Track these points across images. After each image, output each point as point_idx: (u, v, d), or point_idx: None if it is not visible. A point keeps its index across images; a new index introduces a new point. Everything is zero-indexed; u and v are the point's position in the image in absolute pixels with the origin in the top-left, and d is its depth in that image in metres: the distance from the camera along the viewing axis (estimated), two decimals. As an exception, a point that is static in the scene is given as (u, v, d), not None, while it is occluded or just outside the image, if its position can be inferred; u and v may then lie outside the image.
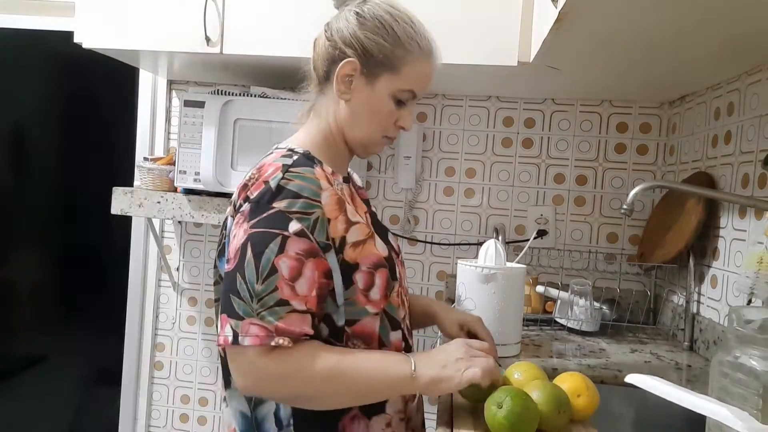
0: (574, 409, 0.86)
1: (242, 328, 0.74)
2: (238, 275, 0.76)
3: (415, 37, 0.88)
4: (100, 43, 1.56)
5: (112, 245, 2.16)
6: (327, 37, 0.89)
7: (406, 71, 0.88)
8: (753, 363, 0.71)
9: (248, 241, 0.77)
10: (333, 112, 0.91)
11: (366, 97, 0.88)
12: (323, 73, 0.91)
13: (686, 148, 1.61)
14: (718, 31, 1.02)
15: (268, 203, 0.78)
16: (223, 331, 0.76)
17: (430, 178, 1.88)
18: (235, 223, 0.81)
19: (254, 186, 0.81)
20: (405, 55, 0.87)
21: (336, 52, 0.87)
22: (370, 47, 0.86)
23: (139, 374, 2.05)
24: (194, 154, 1.61)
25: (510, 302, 1.23)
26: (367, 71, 0.87)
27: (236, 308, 0.75)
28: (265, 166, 0.83)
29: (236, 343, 0.74)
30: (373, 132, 0.91)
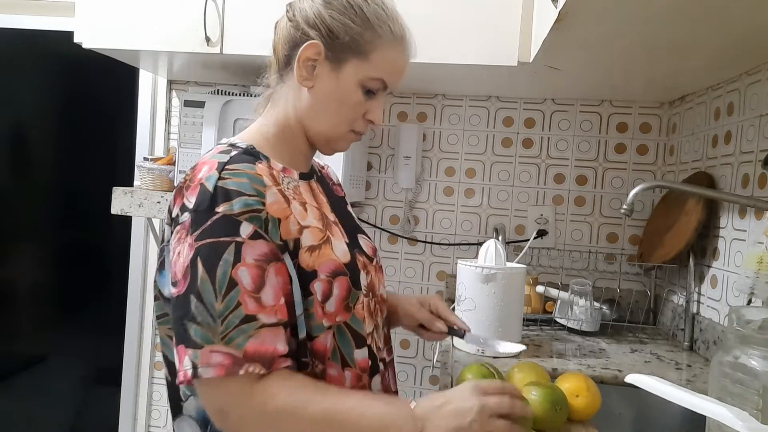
0: (574, 409, 0.87)
1: (202, 358, 0.64)
2: (192, 298, 0.65)
3: (386, 20, 0.79)
4: (100, 43, 1.56)
5: (112, 245, 2.16)
6: (289, 18, 0.81)
7: (376, 57, 0.78)
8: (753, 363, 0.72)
9: (197, 257, 0.66)
10: (293, 101, 0.81)
11: (331, 85, 0.79)
12: (283, 58, 0.81)
13: (686, 148, 1.61)
14: (718, 31, 1.03)
15: (209, 209, 0.67)
16: (182, 365, 0.65)
17: (430, 178, 1.88)
18: (175, 237, 0.70)
19: (189, 190, 0.70)
20: (375, 39, 0.78)
21: (298, 34, 0.78)
22: (336, 28, 0.77)
23: (139, 374, 2.05)
24: (194, 154, 1.61)
25: (510, 302, 1.24)
26: (332, 55, 0.78)
27: (193, 336, 0.65)
28: (199, 165, 0.73)
29: (196, 377, 0.64)
30: (339, 124, 0.81)
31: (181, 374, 0.65)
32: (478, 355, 1.22)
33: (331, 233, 0.79)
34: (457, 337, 0.96)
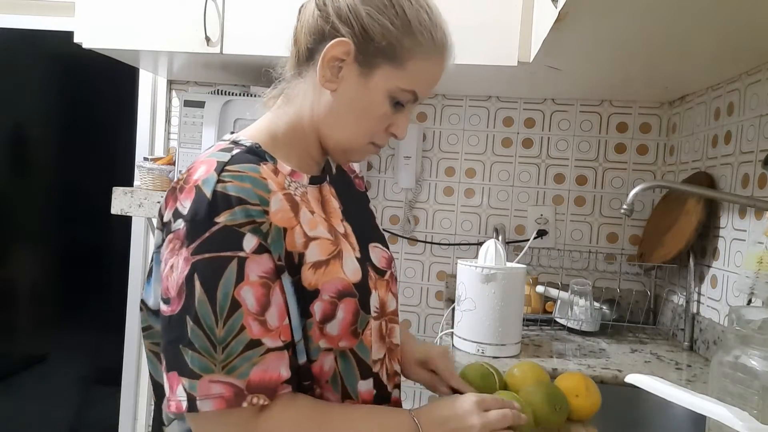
0: (574, 409, 0.87)
1: (200, 389, 0.57)
2: (188, 320, 0.58)
3: (429, 26, 0.69)
4: (100, 43, 1.56)
5: (112, 245, 2.16)
6: (318, 5, 0.69)
7: (412, 67, 0.69)
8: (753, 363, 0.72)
9: (194, 273, 0.59)
10: (310, 101, 0.72)
11: (357, 91, 0.69)
12: (306, 50, 0.71)
13: (686, 148, 1.61)
14: (718, 31, 1.03)
15: (208, 218, 0.59)
16: (174, 394, 0.58)
17: (430, 178, 1.88)
18: (168, 246, 0.62)
19: (184, 192, 0.62)
20: (414, 47, 0.68)
21: (327, 27, 0.68)
22: (372, 28, 0.67)
23: (139, 374, 2.05)
24: (194, 154, 1.61)
25: (510, 302, 1.24)
26: (363, 58, 0.68)
27: (189, 364, 0.58)
28: (196, 164, 0.64)
29: (192, 410, 0.57)
30: (359, 136, 0.72)
31: (173, 404, 0.58)
32: (478, 355, 1.23)
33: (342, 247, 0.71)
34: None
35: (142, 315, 0.71)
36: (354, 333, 0.69)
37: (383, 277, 0.77)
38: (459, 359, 1.20)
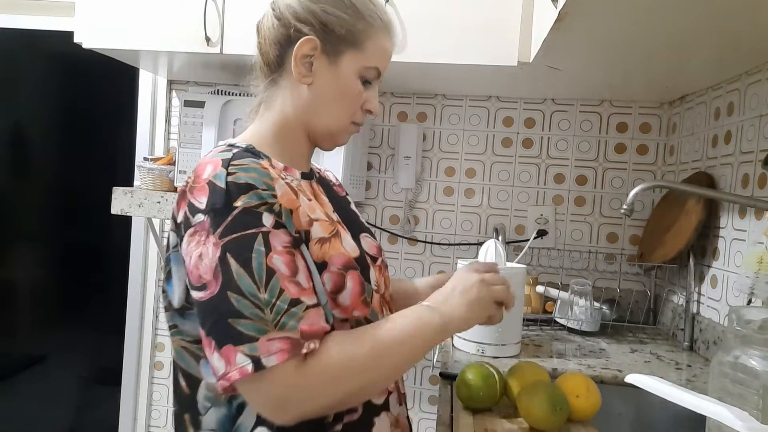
0: (574, 409, 0.87)
1: (261, 349, 0.62)
2: (229, 295, 0.63)
3: (374, 9, 0.80)
4: (100, 43, 1.56)
5: (112, 245, 2.16)
6: (276, 16, 0.79)
7: (370, 46, 0.79)
8: (753, 363, 0.72)
9: (226, 254, 0.64)
10: (291, 100, 0.80)
11: (330, 79, 0.79)
12: (275, 59, 0.80)
13: (686, 148, 1.61)
14: (718, 31, 1.03)
15: (227, 205, 0.66)
16: (234, 365, 0.62)
17: (430, 178, 1.88)
18: (190, 240, 0.67)
19: (196, 191, 0.69)
20: (367, 29, 0.79)
21: (290, 32, 0.77)
22: (330, 21, 0.77)
23: (139, 374, 2.05)
24: (194, 154, 1.61)
25: (510, 302, 1.23)
26: (328, 48, 0.78)
27: (244, 331, 0.62)
28: (201, 166, 0.71)
29: (260, 369, 0.61)
30: (342, 117, 0.81)
31: (235, 373, 0.61)
32: (478, 355, 1.23)
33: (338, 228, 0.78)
34: None
35: (168, 315, 0.76)
36: (365, 302, 0.76)
37: (375, 263, 0.83)
38: (459, 359, 1.20)
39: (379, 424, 0.77)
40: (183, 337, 0.75)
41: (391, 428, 0.79)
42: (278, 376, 0.62)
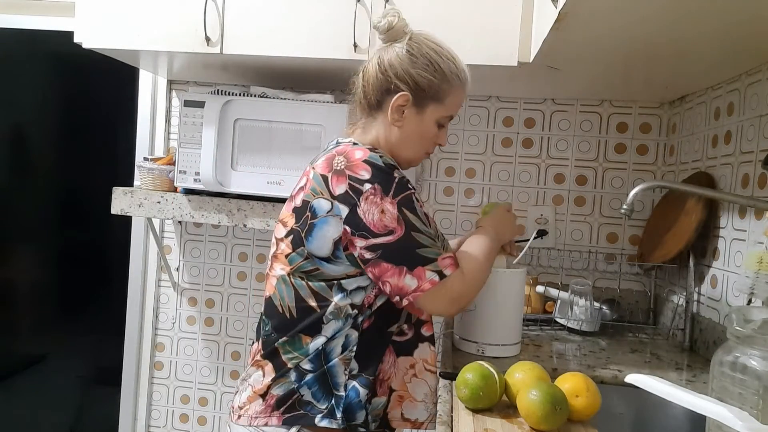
0: (574, 410, 0.87)
1: (440, 264, 0.93)
2: (412, 234, 0.93)
3: (457, 72, 1.02)
4: (100, 43, 1.56)
5: (112, 245, 2.16)
6: (381, 71, 1.01)
7: (449, 101, 1.03)
8: (753, 363, 0.72)
9: (401, 207, 0.93)
10: (384, 134, 1.04)
11: (416, 125, 1.03)
12: (375, 101, 1.04)
13: (686, 148, 1.61)
14: (718, 31, 1.03)
15: (390, 175, 0.94)
16: (423, 280, 0.92)
17: (430, 178, 1.88)
18: (366, 202, 0.93)
19: (355, 167, 0.94)
20: (449, 89, 1.02)
21: (390, 86, 1.01)
22: (421, 83, 1.00)
23: (139, 374, 2.05)
24: (194, 154, 1.61)
25: (510, 302, 1.24)
26: (417, 102, 1.01)
27: (428, 255, 0.93)
28: (349, 152, 0.96)
29: (443, 278, 0.93)
30: (419, 152, 1.07)
31: (426, 284, 0.92)
32: (478, 355, 1.23)
33: None
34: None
35: (309, 262, 0.96)
36: None
37: None
38: (459, 359, 1.20)
39: (423, 348, 1.04)
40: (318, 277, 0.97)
41: (430, 355, 1.05)
42: (452, 280, 0.94)
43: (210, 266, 2.01)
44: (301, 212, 0.97)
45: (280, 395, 0.97)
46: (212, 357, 2.02)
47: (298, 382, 0.96)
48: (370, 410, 0.97)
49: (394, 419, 1.01)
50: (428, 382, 1.05)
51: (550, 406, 0.83)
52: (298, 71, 1.64)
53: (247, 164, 1.59)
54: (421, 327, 1.04)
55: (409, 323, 1.02)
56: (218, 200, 1.61)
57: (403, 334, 1.02)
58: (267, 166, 1.58)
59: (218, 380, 2.02)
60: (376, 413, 0.99)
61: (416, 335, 1.03)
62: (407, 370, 1.02)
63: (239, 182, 1.59)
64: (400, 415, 1.02)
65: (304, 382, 0.96)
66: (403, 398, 1.02)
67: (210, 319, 2.02)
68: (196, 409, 2.04)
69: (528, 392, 0.85)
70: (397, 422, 1.02)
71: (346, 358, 0.96)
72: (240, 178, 1.59)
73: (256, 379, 0.99)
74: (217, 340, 2.02)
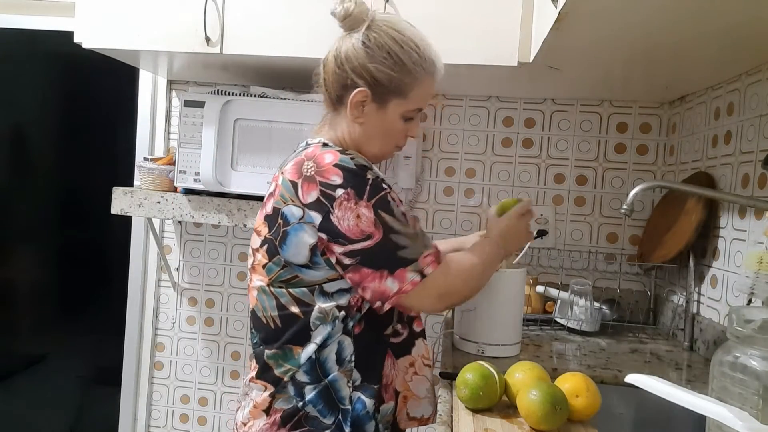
0: (574, 410, 0.87)
1: (421, 264, 0.89)
2: (391, 236, 0.89)
3: (420, 62, 0.95)
4: (100, 43, 1.56)
5: (112, 245, 2.16)
6: (337, 65, 0.95)
7: (413, 94, 0.96)
8: (753, 363, 0.72)
9: (377, 210, 0.88)
10: (347, 129, 0.99)
11: (378, 121, 0.97)
12: (336, 96, 0.98)
13: (686, 148, 1.61)
14: (718, 31, 1.02)
15: (363, 178, 0.89)
16: (404, 282, 0.88)
17: (430, 178, 1.88)
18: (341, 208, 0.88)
19: (324, 174, 0.89)
20: (412, 81, 0.95)
21: (348, 81, 0.94)
22: (380, 77, 0.93)
23: (139, 374, 2.05)
24: (194, 154, 1.61)
25: (510, 302, 1.23)
26: (377, 98, 0.95)
27: (408, 256, 0.89)
28: (318, 156, 0.91)
29: (424, 277, 0.89)
30: (386, 148, 1.01)
31: (407, 285, 0.88)
32: (478, 355, 1.22)
33: None
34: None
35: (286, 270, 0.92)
36: None
37: None
38: (459, 359, 1.20)
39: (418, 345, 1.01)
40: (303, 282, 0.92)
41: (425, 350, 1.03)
42: (435, 278, 0.90)
43: (210, 266, 2.01)
44: (272, 220, 0.93)
45: (284, 411, 0.93)
46: (212, 357, 2.02)
47: (298, 396, 0.93)
48: (380, 419, 0.94)
49: (402, 420, 0.99)
50: (428, 377, 1.03)
51: (550, 406, 0.83)
52: (298, 71, 1.63)
53: (247, 164, 1.59)
54: (413, 323, 1.02)
55: (402, 322, 0.99)
56: (218, 200, 1.61)
57: (398, 334, 0.99)
58: (267, 166, 1.58)
59: (218, 380, 2.02)
60: (387, 420, 0.96)
61: (410, 333, 1.01)
62: (407, 370, 1.00)
63: (239, 182, 1.59)
64: (406, 415, 1.00)
65: (309, 400, 0.92)
66: (407, 398, 1.00)
67: (210, 319, 2.02)
68: (196, 409, 2.04)
69: (528, 392, 0.85)
70: (404, 423, 1.00)
71: (347, 369, 0.93)
72: (240, 178, 1.59)
73: (257, 393, 0.96)
74: (217, 340, 2.02)
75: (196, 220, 1.62)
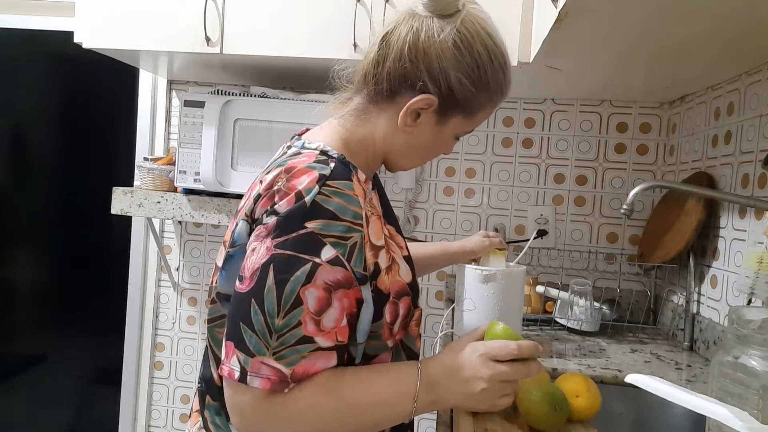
0: (574, 410, 0.87)
1: (252, 366, 0.64)
2: (253, 302, 0.65)
3: (503, 84, 0.78)
4: (100, 43, 1.56)
5: (112, 245, 2.16)
6: (411, 57, 0.73)
7: (481, 115, 0.79)
8: (753, 363, 0.72)
9: (270, 264, 0.65)
10: (383, 132, 0.78)
11: (430, 135, 0.78)
12: (389, 89, 0.76)
13: (686, 148, 1.61)
14: (718, 31, 1.03)
15: (300, 221, 0.65)
16: (229, 362, 0.65)
17: (430, 178, 1.88)
18: (255, 234, 0.68)
19: (281, 195, 0.67)
20: (486, 102, 0.77)
21: (416, 80, 0.73)
22: (456, 89, 0.74)
23: (139, 374, 2.05)
24: (194, 154, 1.61)
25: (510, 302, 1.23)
26: (441, 111, 0.76)
27: (246, 341, 0.64)
28: (297, 172, 0.69)
29: (243, 382, 0.64)
30: (420, 162, 0.84)
31: (226, 369, 0.65)
32: (478, 355, 1.22)
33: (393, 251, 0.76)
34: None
35: (213, 307, 0.75)
36: (405, 326, 0.77)
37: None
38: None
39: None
40: (222, 328, 0.73)
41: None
42: (253, 397, 0.65)
43: (210, 266, 2.01)
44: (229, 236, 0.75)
45: None
46: (212, 357, 2.02)
47: None
48: None
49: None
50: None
51: (550, 406, 0.83)
52: (298, 71, 1.63)
53: (247, 164, 1.59)
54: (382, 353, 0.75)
55: (367, 359, 0.74)
56: (218, 200, 1.61)
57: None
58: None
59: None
60: None
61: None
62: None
63: (239, 182, 1.59)
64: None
65: None
66: None
67: (210, 319, 2.02)
68: (196, 409, 2.04)
69: (528, 392, 0.85)
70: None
71: None
72: (240, 178, 1.59)
73: None
74: (217, 340, 2.02)
75: (196, 220, 1.62)
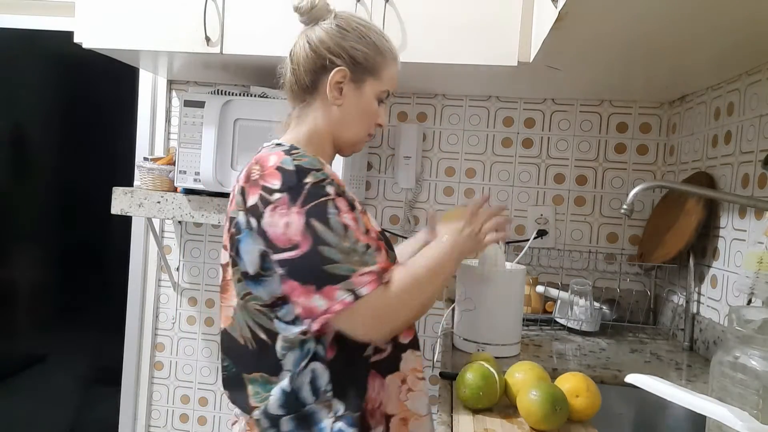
0: (574, 410, 0.87)
1: (354, 282, 0.80)
2: (320, 248, 0.81)
3: (387, 45, 0.99)
4: (100, 43, 1.56)
5: (112, 245, 2.16)
6: (312, 50, 0.96)
7: (384, 74, 0.99)
8: (753, 363, 0.72)
9: (309, 218, 0.82)
10: (322, 116, 0.98)
11: (356, 101, 0.98)
12: (309, 83, 0.97)
13: (686, 148, 1.61)
14: (718, 31, 1.03)
15: (299, 183, 0.83)
16: (333, 300, 0.80)
17: (430, 178, 1.88)
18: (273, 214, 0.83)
19: (267, 176, 0.85)
20: (383, 62, 0.98)
21: (325, 62, 0.95)
22: (356, 56, 0.95)
23: (139, 374, 2.05)
24: (194, 154, 1.61)
25: (510, 302, 1.24)
26: (355, 77, 0.96)
27: (337, 272, 0.80)
28: (264, 158, 0.88)
29: (358, 298, 0.80)
30: (362, 131, 1.01)
31: (336, 305, 0.79)
32: (478, 355, 1.22)
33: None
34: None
35: (240, 286, 0.89)
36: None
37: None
38: (459, 359, 1.20)
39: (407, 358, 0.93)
40: (256, 301, 0.88)
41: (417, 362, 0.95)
42: (372, 300, 0.81)
43: (210, 266, 2.01)
44: (228, 231, 0.91)
45: None
46: (212, 357, 2.02)
47: (274, 428, 0.87)
48: None
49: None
50: (424, 392, 0.96)
51: (550, 406, 0.83)
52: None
53: (247, 164, 1.59)
54: (398, 335, 0.93)
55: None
56: (218, 200, 1.61)
57: (381, 351, 0.90)
58: (267, 166, 1.58)
59: (218, 380, 2.02)
60: None
61: (396, 347, 0.93)
62: (400, 388, 0.92)
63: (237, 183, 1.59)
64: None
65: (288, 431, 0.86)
66: (407, 419, 0.92)
67: (210, 319, 2.02)
68: (196, 409, 2.04)
69: (528, 392, 0.85)
70: None
71: (325, 400, 0.86)
72: (240, 178, 1.59)
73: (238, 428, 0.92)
74: (217, 340, 2.02)
75: (196, 220, 1.62)
